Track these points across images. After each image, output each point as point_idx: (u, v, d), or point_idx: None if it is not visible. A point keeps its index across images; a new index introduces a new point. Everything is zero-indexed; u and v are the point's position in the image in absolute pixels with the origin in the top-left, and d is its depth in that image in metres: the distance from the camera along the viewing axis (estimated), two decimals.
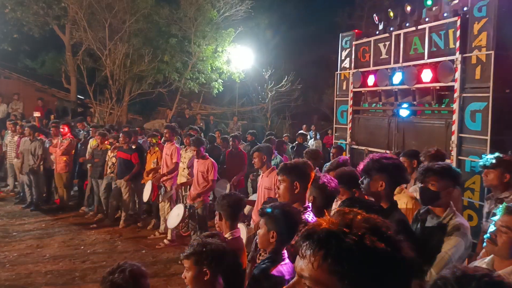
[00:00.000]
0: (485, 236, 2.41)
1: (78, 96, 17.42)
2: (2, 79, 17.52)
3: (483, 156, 4.15)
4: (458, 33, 6.40)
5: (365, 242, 0.97)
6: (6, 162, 10.97)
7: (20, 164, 9.73)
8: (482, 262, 2.40)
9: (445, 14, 6.76)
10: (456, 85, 6.31)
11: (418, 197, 3.30)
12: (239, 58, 17.46)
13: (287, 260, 2.65)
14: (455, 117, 6.35)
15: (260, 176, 5.33)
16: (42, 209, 9.44)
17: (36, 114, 11.99)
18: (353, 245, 0.97)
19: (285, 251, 2.70)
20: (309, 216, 3.02)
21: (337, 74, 9.41)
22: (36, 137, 9.55)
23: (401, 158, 4.69)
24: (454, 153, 6.31)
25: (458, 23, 6.39)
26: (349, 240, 0.97)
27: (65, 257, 6.73)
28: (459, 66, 6.26)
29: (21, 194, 10.13)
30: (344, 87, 9.10)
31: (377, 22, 8.03)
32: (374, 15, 8.12)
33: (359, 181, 2.97)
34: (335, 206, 3.34)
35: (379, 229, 1.02)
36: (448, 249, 2.66)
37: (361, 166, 2.93)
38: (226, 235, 3.36)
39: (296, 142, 10.52)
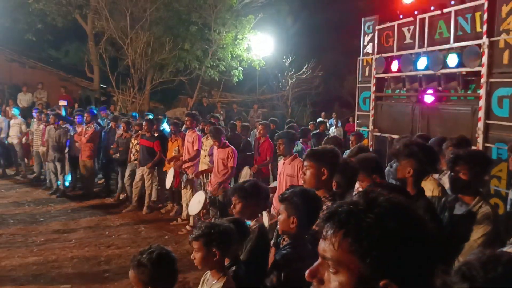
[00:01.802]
0: None
1: (101, 85, 17.64)
2: (27, 69, 17.86)
3: None
4: (485, 16, 6.20)
5: (385, 221, 0.96)
6: (32, 149, 11.25)
7: (46, 151, 9.97)
8: None
9: None
10: (483, 70, 6.13)
11: (444, 184, 3.22)
12: (259, 45, 17.33)
13: (308, 246, 2.65)
14: (481, 103, 6.19)
15: (282, 163, 5.32)
16: (68, 195, 9.66)
17: (62, 103, 12.21)
18: (373, 224, 0.96)
19: (306, 237, 2.70)
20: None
21: (359, 60, 9.27)
22: (61, 125, 9.74)
23: None
24: (480, 140, 6.16)
25: (485, 5, 6.18)
26: (369, 220, 0.96)
27: (90, 242, 6.89)
28: (486, 51, 6.08)
29: (47, 181, 10.39)
30: (367, 73, 8.95)
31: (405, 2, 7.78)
32: None
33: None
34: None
35: (401, 209, 1.00)
36: (477, 237, 2.59)
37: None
38: (251, 223, 3.36)
39: (317, 130, 10.42)
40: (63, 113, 11.65)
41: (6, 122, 11.66)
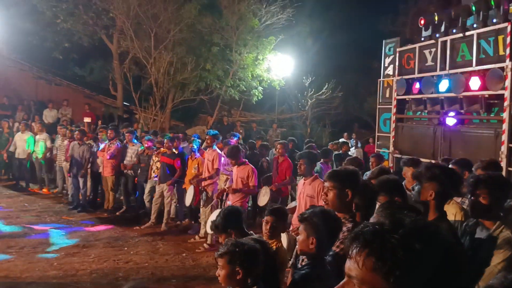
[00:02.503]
0: None
1: (124, 102, 18.02)
2: (53, 86, 18.37)
3: None
4: (508, 39, 6.16)
5: (410, 242, 0.98)
6: (56, 165, 11.50)
7: (69, 166, 10.18)
8: None
9: (494, 20, 6.54)
10: (506, 94, 6.07)
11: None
12: (279, 65, 17.50)
13: (327, 266, 2.64)
14: (505, 126, 6.11)
15: (302, 183, 5.31)
16: (88, 210, 9.81)
17: (87, 119, 12.53)
18: (397, 244, 0.98)
19: (325, 257, 2.69)
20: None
21: (380, 81, 9.27)
22: (85, 141, 9.97)
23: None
24: (504, 164, 6.06)
25: (509, 29, 6.16)
26: (394, 240, 0.99)
27: (109, 257, 6.94)
28: (509, 74, 6.03)
29: (69, 196, 10.57)
30: (387, 95, 8.95)
31: (421, 26, 7.84)
32: (420, 18, 7.91)
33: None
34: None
35: (426, 231, 1.02)
36: (497, 263, 2.54)
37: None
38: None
39: (340, 151, 10.39)
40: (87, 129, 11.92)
41: (32, 137, 11.94)
